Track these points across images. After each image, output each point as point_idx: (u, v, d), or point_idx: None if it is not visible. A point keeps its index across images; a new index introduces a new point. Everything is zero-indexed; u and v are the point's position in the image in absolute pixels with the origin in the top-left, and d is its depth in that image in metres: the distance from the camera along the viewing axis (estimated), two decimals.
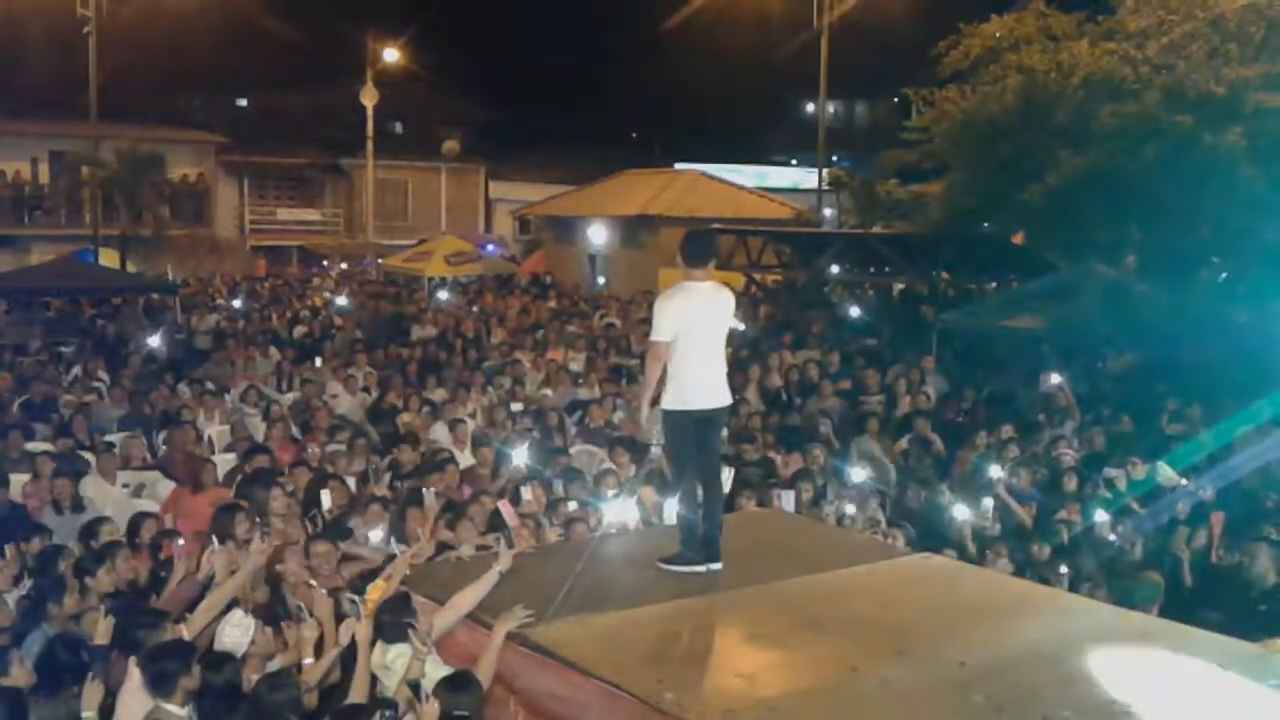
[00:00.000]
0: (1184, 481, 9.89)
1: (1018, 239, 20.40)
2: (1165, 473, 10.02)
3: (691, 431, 6.09)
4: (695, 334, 5.99)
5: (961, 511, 9.01)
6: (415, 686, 4.99)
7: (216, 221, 39.82)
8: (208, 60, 37.94)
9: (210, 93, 43.65)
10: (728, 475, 6.97)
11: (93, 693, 5.30)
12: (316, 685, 5.52)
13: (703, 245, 6.24)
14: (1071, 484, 9.88)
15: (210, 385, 13.63)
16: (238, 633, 5.74)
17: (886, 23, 32.02)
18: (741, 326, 6.17)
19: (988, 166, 17.97)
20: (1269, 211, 15.38)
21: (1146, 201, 16.09)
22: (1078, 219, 16.67)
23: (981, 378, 14.91)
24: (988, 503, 9.41)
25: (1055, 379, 13.59)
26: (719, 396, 6.15)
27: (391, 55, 40.02)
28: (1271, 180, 15.29)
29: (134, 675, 5.17)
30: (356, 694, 5.27)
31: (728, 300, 6.26)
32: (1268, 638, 5.22)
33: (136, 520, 8.03)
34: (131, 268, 29.49)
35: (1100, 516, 8.96)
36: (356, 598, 5.70)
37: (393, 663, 5.22)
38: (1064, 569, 7.93)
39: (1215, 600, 7.12)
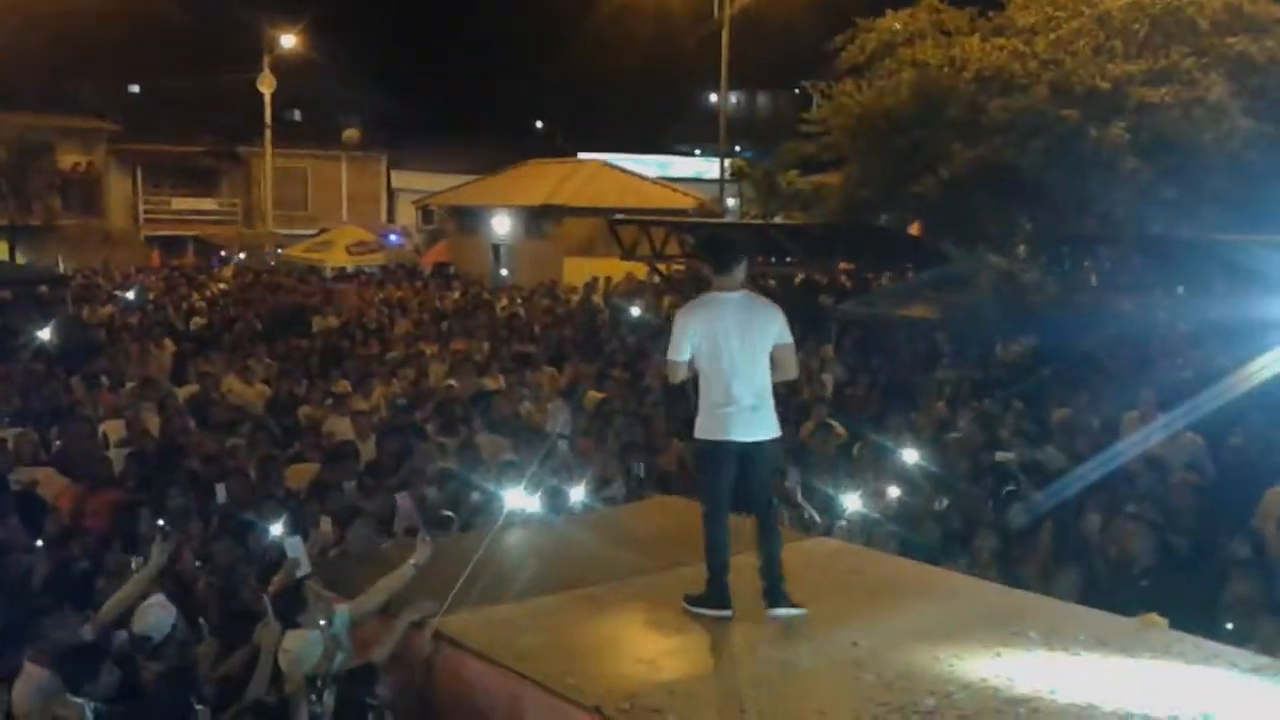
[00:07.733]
0: (1073, 466, 10.20)
1: (914, 230, 20.85)
2: (1052, 457, 10.35)
3: (727, 466, 5.32)
4: (721, 354, 5.25)
5: (858, 496, 9.19)
6: (312, 680, 4.89)
7: (109, 211, 38.96)
8: (98, 44, 36.88)
9: (101, 78, 42.32)
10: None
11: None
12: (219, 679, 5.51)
13: (728, 249, 5.57)
14: (964, 468, 10.15)
15: (104, 379, 13.34)
16: (161, 614, 5.73)
17: (787, 15, 32.34)
18: (790, 342, 5.14)
19: (884, 159, 18.33)
20: (1152, 202, 15.97)
21: (1035, 193, 16.61)
22: (970, 210, 17.11)
23: (878, 365, 15.20)
24: (890, 490, 9.59)
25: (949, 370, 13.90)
26: (761, 428, 5.31)
27: (289, 41, 39.36)
28: (1154, 172, 15.87)
29: (30, 672, 5.15)
30: (258, 687, 5.26)
31: (765, 313, 5.43)
32: (1144, 612, 5.47)
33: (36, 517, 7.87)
34: (20, 259, 28.74)
35: (992, 500, 9.21)
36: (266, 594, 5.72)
37: (292, 648, 5.06)
38: (957, 550, 8.15)
39: (1095, 578, 7.38)
